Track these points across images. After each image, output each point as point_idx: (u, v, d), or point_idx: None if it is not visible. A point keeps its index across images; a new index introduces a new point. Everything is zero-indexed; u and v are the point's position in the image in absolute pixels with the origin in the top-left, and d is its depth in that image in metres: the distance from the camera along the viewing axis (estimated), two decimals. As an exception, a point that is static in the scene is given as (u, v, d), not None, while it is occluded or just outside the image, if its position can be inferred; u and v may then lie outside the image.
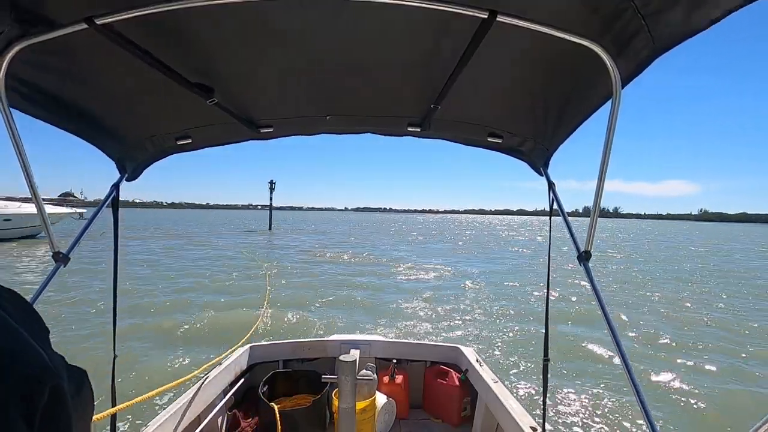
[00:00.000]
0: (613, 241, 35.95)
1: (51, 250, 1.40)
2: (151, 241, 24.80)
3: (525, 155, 1.82)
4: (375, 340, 2.99)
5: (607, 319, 1.14)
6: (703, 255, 24.62)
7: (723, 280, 13.99)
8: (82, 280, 10.40)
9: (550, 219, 1.68)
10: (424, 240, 32.46)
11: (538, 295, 10.31)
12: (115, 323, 1.75)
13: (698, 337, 7.09)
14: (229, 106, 1.53)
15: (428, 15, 1.07)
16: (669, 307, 9.28)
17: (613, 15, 0.95)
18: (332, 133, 1.87)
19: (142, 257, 16.42)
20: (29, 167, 1.23)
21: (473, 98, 1.56)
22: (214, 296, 9.39)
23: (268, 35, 1.19)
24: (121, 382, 2.35)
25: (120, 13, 0.96)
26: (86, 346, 5.83)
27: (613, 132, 1.13)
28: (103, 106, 1.48)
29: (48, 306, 7.72)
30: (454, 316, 8.10)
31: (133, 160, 1.78)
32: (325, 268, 14.85)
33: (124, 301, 8.16)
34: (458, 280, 12.60)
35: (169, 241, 24.66)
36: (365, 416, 2.24)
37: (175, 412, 1.93)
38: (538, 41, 1.11)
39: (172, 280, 11.54)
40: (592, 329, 7.16)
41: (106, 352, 1.81)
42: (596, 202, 1.24)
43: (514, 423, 1.91)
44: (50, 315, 7.06)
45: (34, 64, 1.15)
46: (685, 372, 5.48)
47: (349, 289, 10.73)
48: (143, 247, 20.91)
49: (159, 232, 34.19)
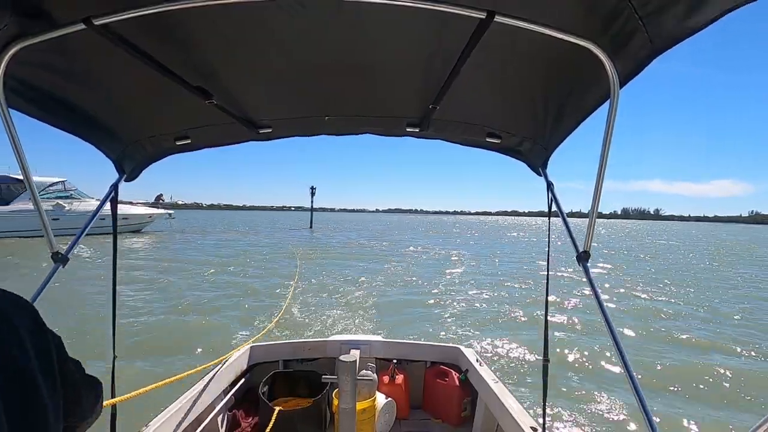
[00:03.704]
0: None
1: (50, 251, 1.40)
2: (230, 235, 32.05)
3: (524, 155, 1.82)
4: (375, 340, 2.99)
5: (606, 318, 1.14)
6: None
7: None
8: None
9: (549, 219, 1.68)
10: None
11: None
12: (115, 323, 1.75)
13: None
14: (228, 107, 1.53)
15: (426, 15, 1.07)
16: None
17: (611, 15, 0.95)
18: (331, 134, 1.87)
19: (239, 248, 21.29)
20: (27, 168, 1.23)
21: (472, 98, 1.56)
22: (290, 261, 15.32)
23: (266, 35, 1.19)
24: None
25: (118, 14, 0.96)
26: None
27: (612, 132, 1.13)
28: (102, 106, 1.48)
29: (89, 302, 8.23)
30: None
31: (132, 160, 1.77)
32: (363, 252, 21.11)
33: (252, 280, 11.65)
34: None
35: (251, 237, 30.84)
36: (365, 416, 2.24)
37: (175, 412, 1.93)
38: (536, 41, 1.11)
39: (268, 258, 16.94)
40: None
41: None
42: (594, 202, 1.25)
43: (514, 423, 1.91)
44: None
45: (33, 64, 1.15)
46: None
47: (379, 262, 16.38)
48: (234, 239, 27.68)
49: (231, 228, 41.48)
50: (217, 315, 7.71)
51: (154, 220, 28.97)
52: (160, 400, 2.06)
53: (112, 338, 1.73)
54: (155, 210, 30.53)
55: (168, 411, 1.92)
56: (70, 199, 22.86)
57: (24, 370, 0.49)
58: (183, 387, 2.17)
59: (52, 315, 6.73)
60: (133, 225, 26.91)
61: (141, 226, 27.84)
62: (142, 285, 10.37)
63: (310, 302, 8.73)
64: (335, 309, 8.22)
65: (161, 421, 1.82)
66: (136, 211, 27.24)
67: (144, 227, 28.19)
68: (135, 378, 4.74)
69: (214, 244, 23.33)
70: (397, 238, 33.39)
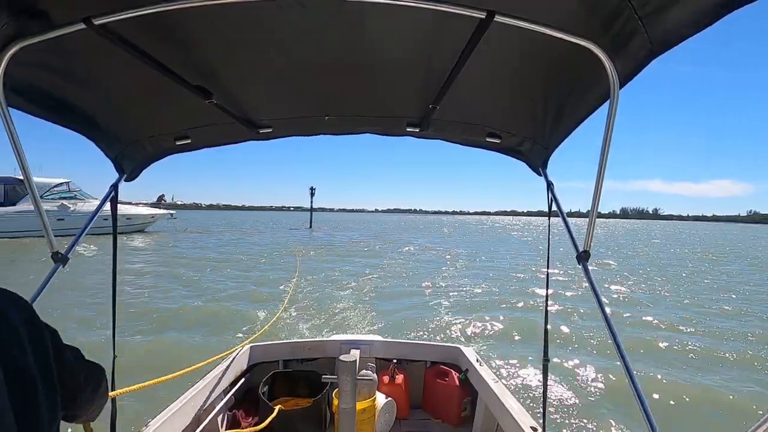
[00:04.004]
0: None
1: (50, 251, 1.40)
2: (233, 234, 33.40)
3: (524, 155, 1.81)
4: (375, 340, 3.00)
5: (606, 318, 1.14)
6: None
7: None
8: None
9: (549, 219, 1.68)
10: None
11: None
12: (115, 323, 1.75)
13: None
14: (227, 107, 1.53)
15: (426, 15, 1.07)
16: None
17: (611, 15, 0.95)
18: (331, 133, 1.87)
19: (248, 245, 23.20)
20: (28, 168, 1.23)
21: (472, 98, 1.56)
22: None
23: (266, 35, 1.19)
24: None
25: (118, 14, 0.96)
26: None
27: (611, 132, 1.12)
28: (102, 105, 1.48)
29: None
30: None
31: (131, 159, 1.77)
32: (359, 249, 22.31)
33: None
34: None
35: (255, 236, 31.77)
36: (365, 416, 2.24)
37: (176, 412, 1.93)
38: (537, 41, 1.11)
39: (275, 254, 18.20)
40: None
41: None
42: (594, 201, 1.25)
43: (514, 423, 1.91)
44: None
45: (33, 64, 1.15)
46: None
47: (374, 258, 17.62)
48: (236, 238, 28.87)
49: (233, 228, 42.27)
50: (234, 301, 8.87)
51: (157, 220, 30.07)
52: (159, 397, 2.06)
53: (113, 338, 1.73)
54: (157, 210, 31.79)
55: (168, 411, 1.92)
56: (74, 200, 23.08)
57: (24, 369, 0.50)
58: (183, 385, 2.17)
59: (59, 312, 7.10)
60: (136, 225, 27.88)
61: (144, 226, 28.79)
62: (152, 279, 11.45)
63: (312, 296, 9.34)
64: (337, 302, 8.77)
65: (161, 421, 1.82)
66: (139, 212, 28.41)
67: (147, 227, 29.14)
68: (168, 348, 5.82)
69: (224, 242, 25.06)
70: (396, 237, 34.32)
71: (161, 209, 33.76)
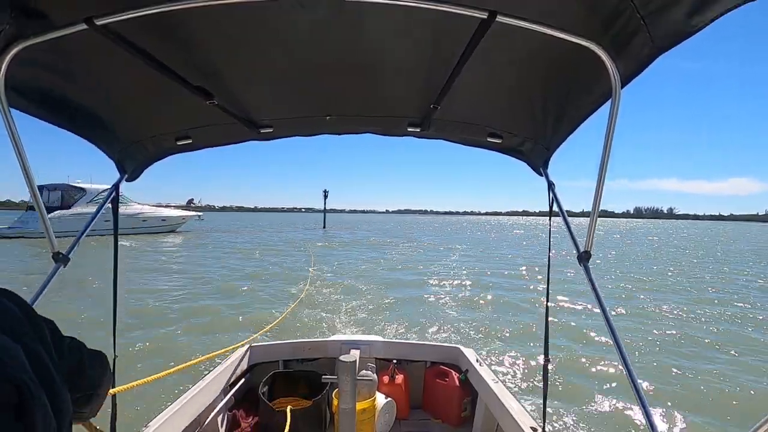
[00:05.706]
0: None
1: (51, 251, 1.39)
2: (260, 233, 37.23)
3: (525, 155, 1.81)
4: (375, 340, 3.00)
5: (607, 318, 1.14)
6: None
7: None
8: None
9: (550, 219, 1.68)
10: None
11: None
12: (115, 323, 1.75)
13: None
14: (229, 107, 1.53)
15: (428, 15, 1.07)
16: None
17: (613, 15, 0.95)
18: (332, 133, 1.87)
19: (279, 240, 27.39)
20: (29, 168, 1.23)
21: (473, 98, 1.56)
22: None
23: (267, 35, 1.19)
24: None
25: (119, 14, 0.96)
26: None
27: (613, 132, 1.12)
28: (103, 105, 1.48)
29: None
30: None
31: (133, 160, 1.77)
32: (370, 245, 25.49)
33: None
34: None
35: (283, 233, 36.45)
36: (365, 416, 2.24)
37: (176, 412, 1.93)
38: (538, 41, 1.11)
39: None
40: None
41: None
42: (596, 202, 1.24)
43: (514, 423, 1.91)
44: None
45: (35, 64, 1.15)
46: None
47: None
48: (266, 236, 32.43)
49: (257, 228, 46.35)
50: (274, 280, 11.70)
51: (187, 221, 33.87)
52: (158, 394, 2.06)
53: (113, 338, 1.73)
54: (188, 212, 36.13)
55: (168, 411, 1.91)
56: (121, 204, 25.67)
57: (39, 355, 0.50)
58: (183, 382, 2.17)
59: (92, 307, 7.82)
60: (170, 225, 31.38)
61: (176, 227, 32.33)
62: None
63: (327, 282, 11.29)
64: (349, 293, 10.01)
65: (161, 421, 1.82)
66: (172, 213, 32.40)
67: (178, 227, 32.53)
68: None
69: (255, 238, 28.81)
70: (431, 240, 34.94)
71: (190, 211, 37.90)
